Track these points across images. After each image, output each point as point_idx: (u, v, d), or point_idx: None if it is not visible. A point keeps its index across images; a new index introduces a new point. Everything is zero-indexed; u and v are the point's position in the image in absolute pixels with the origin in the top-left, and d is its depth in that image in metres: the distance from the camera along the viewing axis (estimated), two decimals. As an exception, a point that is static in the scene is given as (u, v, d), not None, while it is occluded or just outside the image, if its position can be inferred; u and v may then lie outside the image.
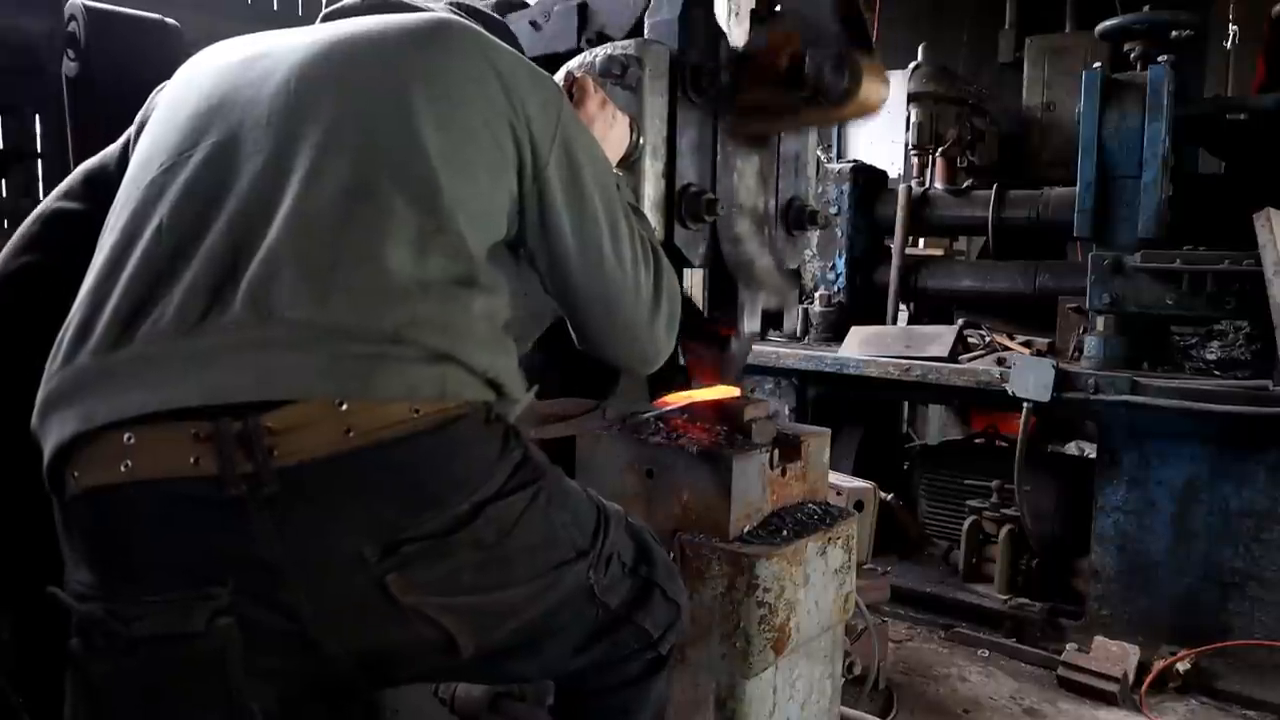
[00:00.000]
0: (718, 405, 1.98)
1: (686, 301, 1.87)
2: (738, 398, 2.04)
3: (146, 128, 1.35)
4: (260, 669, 1.12)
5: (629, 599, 1.42)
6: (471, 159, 1.26)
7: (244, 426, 1.06)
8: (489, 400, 1.23)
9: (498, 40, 1.37)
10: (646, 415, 1.93)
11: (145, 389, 1.08)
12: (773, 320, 4.45)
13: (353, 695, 1.36)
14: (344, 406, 1.09)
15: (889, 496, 3.90)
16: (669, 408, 1.96)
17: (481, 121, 1.27)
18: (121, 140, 1.45)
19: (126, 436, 1.06)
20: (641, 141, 1.70)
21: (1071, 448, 4.36)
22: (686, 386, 2.02)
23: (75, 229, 1.32)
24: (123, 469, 1.06)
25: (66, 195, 1.46)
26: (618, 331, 1.46)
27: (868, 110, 1.80)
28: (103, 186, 1.35)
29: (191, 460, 1.06)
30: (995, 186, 4.10)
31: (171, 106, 1.32)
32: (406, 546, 1.12)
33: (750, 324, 1.87)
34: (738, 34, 1.90)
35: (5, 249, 1.44)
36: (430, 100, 1.24)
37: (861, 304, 4.32)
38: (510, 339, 1.31)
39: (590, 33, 1.97)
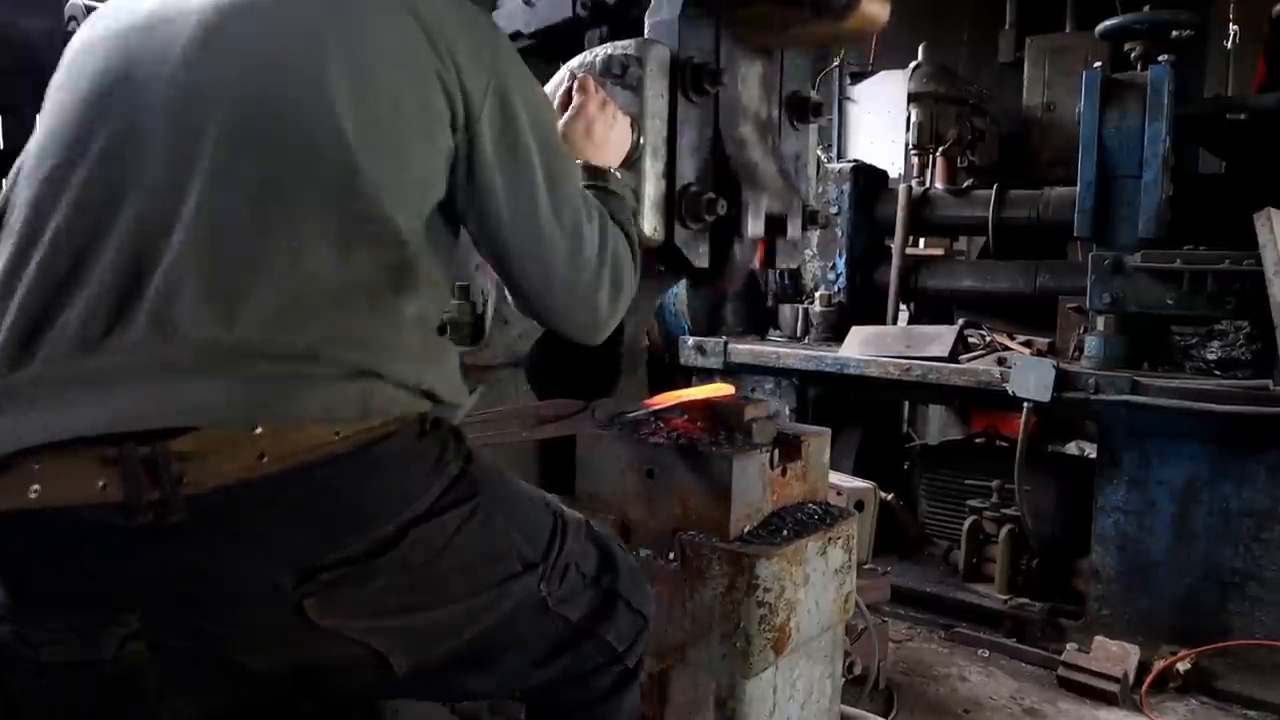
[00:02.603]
0: (717, 405, 1.98)
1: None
2: (737, 397, 2.04)
3: (42, 111, 1.24)
4: (185, 688, 1.11)
5: (590, 611, 1.37)
6: (395, 128, 1.16)
7: (150, 452, 1.01)
8: (423, 411, 1.18)
9: None
10: (636, 414, 1.93)
11: (48, 413, 1.03)
12: (771, 319, 4.46)
13: (294, 708, 1.32)
14: (258, 430, 1.04)
15: (889, 496, 3.89)
16: (658, 407, 1.95)
17: (405, 81, 1.16)
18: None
19: (34, 462, 1.02)
20: (642, 141, 1.70)
21: (1071, 448, 4.35)
22: (687, 385, 2.02)
23: None
24: (31, 494, 1.01)
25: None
26: (555, 296, 1.36)
27: (869, 25, 1.77)
28: None
29: (100, 485, 1.01)
30: (995, 186, 4.10)
31: (67, 84, 1.21)
32: (325, 573, 1.08)
33: (754, 226, 1.84)
34: None
35: None
36: (344, 67, 1.13)
37: (861, 304, 4.31)
38: (447, 341, 1.27)
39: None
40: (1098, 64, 3.57)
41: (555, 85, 1.77)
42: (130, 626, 1.05)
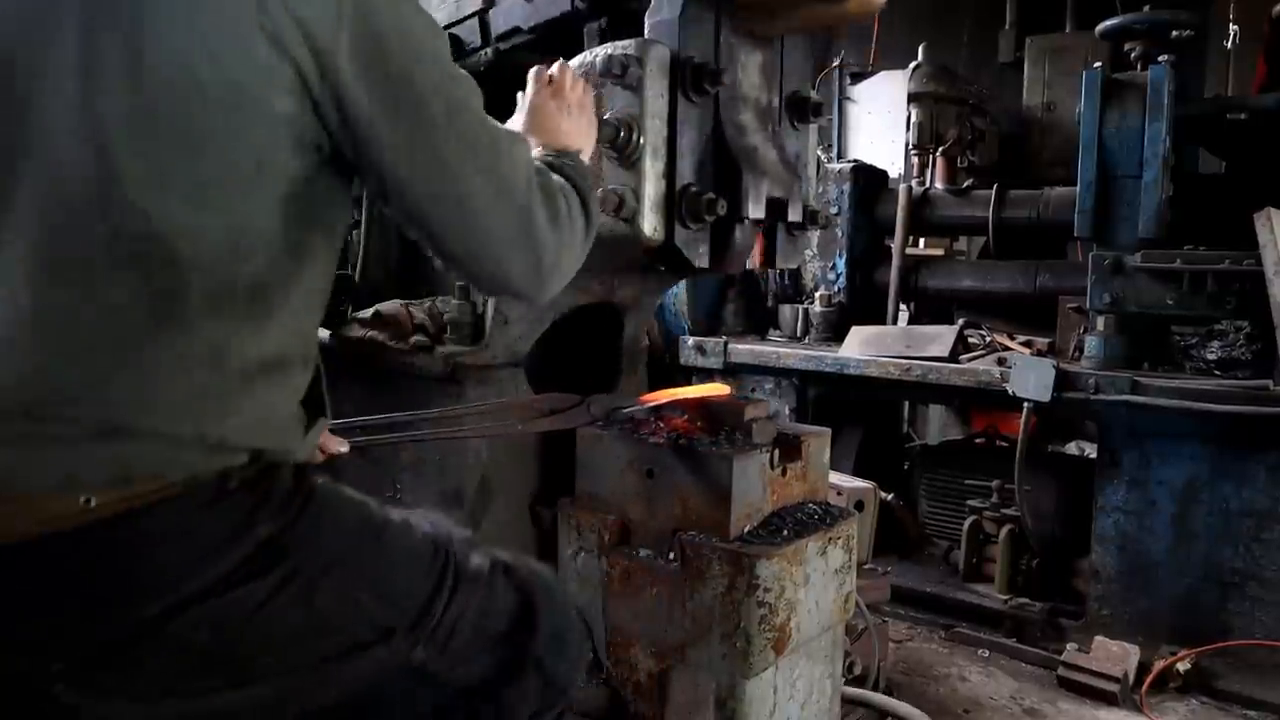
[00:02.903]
0: (717, 405, 1.98)
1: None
2: (737, 397, 2.04)
3: None
4: None
5: (492, 673, 1.22)
6: (189, 107, 0.94)
7: None
8: (227, 467, 1.00)
9: None
10: (631, 410, 1.93)
11: None
12: (771, 319, 4.46)
13: None
14: None
15: (889, 496, 3.89)
16: (653, 404, 1.95)
17: (202, 42, 0.94)
18: None
19: None
20: (642, 141, 1.70)
21: (1071, 448, 4.35)
22: (686, 384, 2.03)
23: None
24: None
25: None
26: (490, 245, 1.14)
27: (869, 6, 1.76)
28: None
29: None
30: (995, 186, 4.10)
31: None
32: (72, 658, 0.96)
33: (754, 210, 1.82)
34: None
35: None
36: (112, 36, 0.92)
37: (861, 304, 4.31)
38: (268, 371, 1.04)
39: None
40: (1098, 64, 3.57)
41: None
42: None
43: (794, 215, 1.91)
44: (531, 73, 1.51)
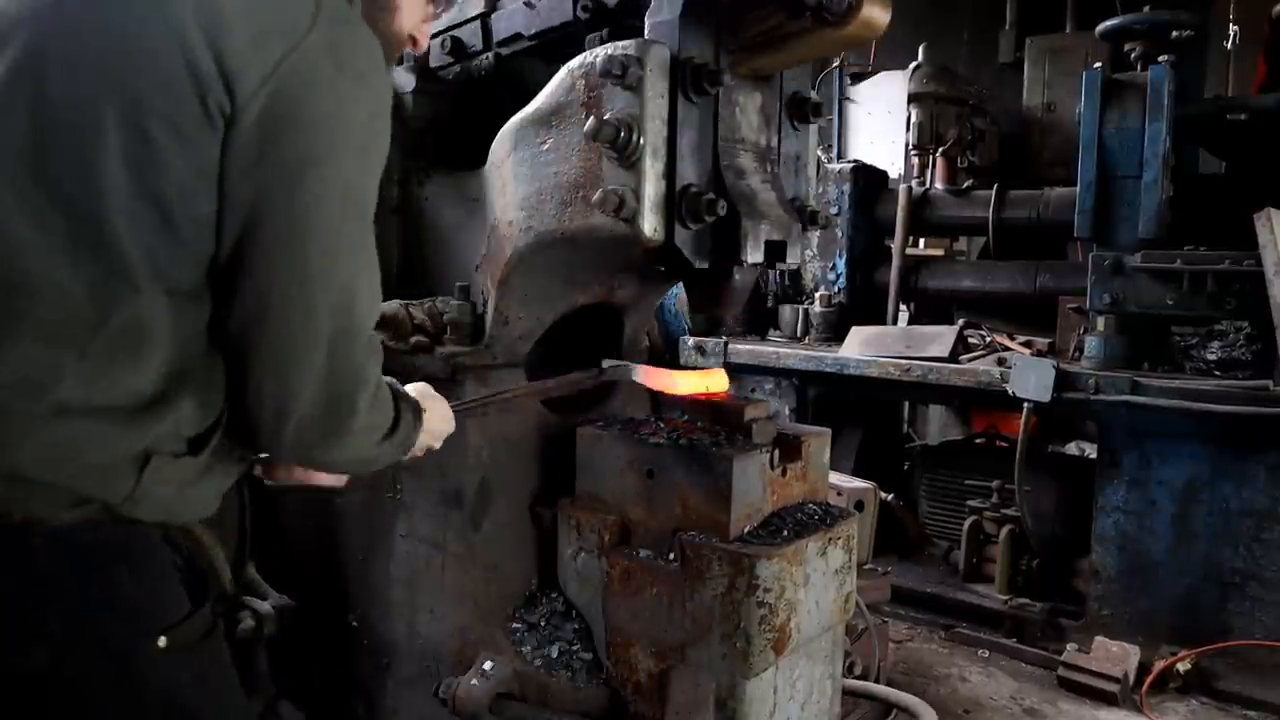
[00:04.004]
0: (718, 405, 1.98)
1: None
2: (737, 397, 2.04)
3: None
4: None
5: None
6: (78, 148, 0.94)
7: None
8: (36, 516, 0.96)
9: None
10: (636, 379, 1.95)
11: None
12: (771, 319, 4.46)
13: None
14: None
15: (889, 496, 3.90)
16: (657, 374, 1.96)
17: (120, 83, 0.94)
18: None
19: None
20: (642, 142, 1.70)
21: (1071, 448, 4.36)
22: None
23: None
24: None
25: None
26: (305, 384, 1.05)
27: (870, 31, 1.76)
28: None
29: None
30: (995, 186, 4.11)
31: None
32: None
33: (753, 254, 1.84)
34: None
35: None
36: (21, 66, 0.95)
37: (862, 304, 4.32)
38: (123, 412, 0.98)
39: (585, 1, 1.97)
40: (1098, 64, 3.58)
41: (556, 86, 1.77)
42: None
43: (792, 259, 1.94)
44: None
